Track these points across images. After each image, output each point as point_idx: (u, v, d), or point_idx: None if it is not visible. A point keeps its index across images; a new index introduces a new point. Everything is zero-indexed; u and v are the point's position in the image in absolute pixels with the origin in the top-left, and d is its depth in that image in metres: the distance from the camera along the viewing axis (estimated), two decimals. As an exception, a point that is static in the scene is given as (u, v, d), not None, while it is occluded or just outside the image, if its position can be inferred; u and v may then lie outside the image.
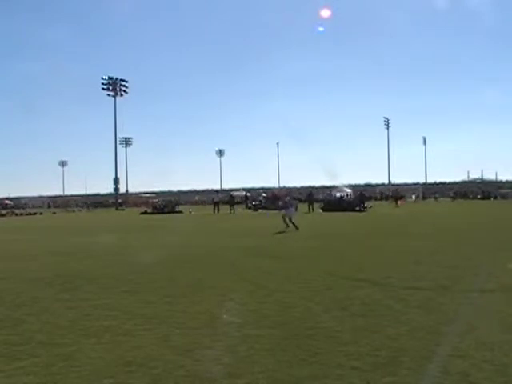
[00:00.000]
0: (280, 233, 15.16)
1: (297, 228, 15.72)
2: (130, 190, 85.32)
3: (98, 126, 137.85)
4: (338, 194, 46.43)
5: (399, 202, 41.67)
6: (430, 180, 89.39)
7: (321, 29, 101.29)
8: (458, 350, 3.78)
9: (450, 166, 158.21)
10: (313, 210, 31.62)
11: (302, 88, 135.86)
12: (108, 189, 75.76)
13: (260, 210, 36.71)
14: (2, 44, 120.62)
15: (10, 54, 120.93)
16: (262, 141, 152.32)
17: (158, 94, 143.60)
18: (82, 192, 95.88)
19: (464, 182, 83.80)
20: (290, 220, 16.19)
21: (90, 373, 3.49)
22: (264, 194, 50.24)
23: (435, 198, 60.52)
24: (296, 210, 33.30)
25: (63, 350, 4.01)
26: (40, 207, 64.41)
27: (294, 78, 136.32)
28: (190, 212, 37.56)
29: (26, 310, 5.48)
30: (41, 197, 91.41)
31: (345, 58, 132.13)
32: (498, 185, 76.68)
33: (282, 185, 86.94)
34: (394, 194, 48.48)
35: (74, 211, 56.37)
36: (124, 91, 67.18)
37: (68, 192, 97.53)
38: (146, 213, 38.40)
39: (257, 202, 41.13)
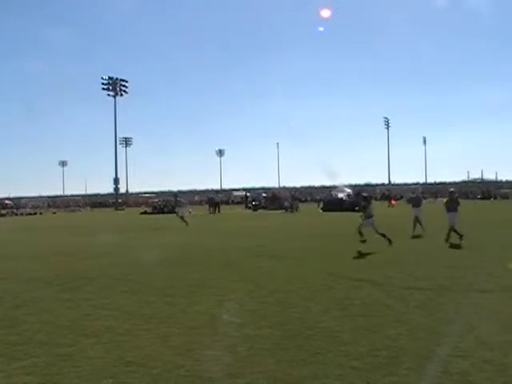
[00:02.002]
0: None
1: (187, 224, 19.42)
2: (130, 190, 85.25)
3: (98, 126, 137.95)
4: (338, 194, 46.29)
5: (393, 202, 42.13)
6: (430, 180, 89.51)
7: (321, 29, 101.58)
8: (458, 349, 3.78)
9: (450, 166, 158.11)
10: (296, 210, 33.77)
11: (302, 88, 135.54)
12: (108, 189, 75.90)
13: (260, 210, 36.79)
14: (3, 44, 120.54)
15: (11, 54, 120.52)
16: (261, 141, 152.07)
17: (158, 94, 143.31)
18: (82, 192, 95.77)
19: (464, 182, 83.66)
20: (182, 217, 20.09)
21: (90, 373, 3.49)
22: (264, 194, 50.32)
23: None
24: (296, 210, 33.75)
25: (63, 350, 4.01)
26: (40, 207, 64.30)
27: (294, 78, 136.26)
28: (190, 212, 37.50)
29: (25, 310, 5.49)
30: (41, 197, 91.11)
31: (345, 58, 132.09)
32: (498, 185, 76.64)
33: (282, 185, 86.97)
34: (387, 194, 49.09)
35: (73, 211, 56.31)
36: (124, 91, 67.21)
37: (68, 192, 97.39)
38: (145, 213, 38.39)
39: (256, 202, 41.14)
